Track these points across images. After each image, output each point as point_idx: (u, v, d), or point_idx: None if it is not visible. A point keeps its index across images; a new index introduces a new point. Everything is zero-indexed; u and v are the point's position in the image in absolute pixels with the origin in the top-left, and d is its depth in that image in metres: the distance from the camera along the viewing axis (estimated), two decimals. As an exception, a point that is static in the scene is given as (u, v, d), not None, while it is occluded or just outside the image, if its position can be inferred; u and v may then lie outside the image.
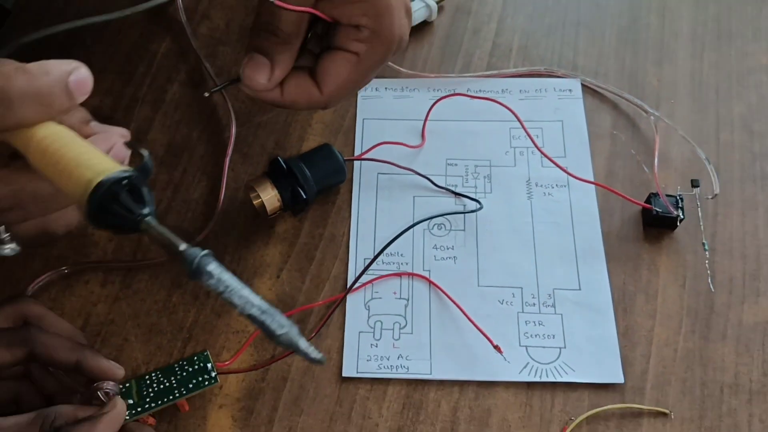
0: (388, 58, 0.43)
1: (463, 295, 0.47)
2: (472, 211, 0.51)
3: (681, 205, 0.49)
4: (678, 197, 0.49)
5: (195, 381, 0.43)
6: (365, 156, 0.53)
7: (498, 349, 0.45)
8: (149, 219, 0.29)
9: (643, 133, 0.54)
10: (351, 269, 0.49)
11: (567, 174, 0.51)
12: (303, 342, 0.28)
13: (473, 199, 0.51)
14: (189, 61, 0.58)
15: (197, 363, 0.44)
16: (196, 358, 0.44)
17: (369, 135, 0.54)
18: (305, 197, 0.48)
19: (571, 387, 0.45)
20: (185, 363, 0.44)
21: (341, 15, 0.41)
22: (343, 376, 0.45)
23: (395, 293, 0.48)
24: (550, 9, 0.61)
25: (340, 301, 0.47)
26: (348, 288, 0.48)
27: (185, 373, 0.43)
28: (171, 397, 0.42)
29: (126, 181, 0.29)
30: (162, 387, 0.43)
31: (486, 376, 0.45)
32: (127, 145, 0.34)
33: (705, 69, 0.58)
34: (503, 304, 0.47)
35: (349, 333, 0.46)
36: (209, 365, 0.44)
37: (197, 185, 0.52)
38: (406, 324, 0.47)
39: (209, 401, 0.44)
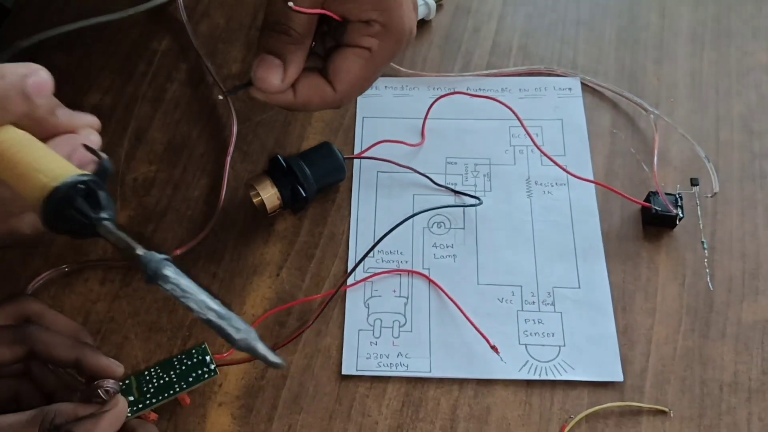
0: (399, 51, 0.43)
1: (463, 294, 0.47)
2: (471, 205, 0.51)
3: (680, 204, 0.49)
4: (677, 196, 0.49)
5: (195, 374, 0.43)
6: (365, 154, 0.53)
7: (495, 350, 0.45)
8: (106, 223, 0.29)
9: (643, 132, 0.54)
10: (351, 267, 0.49)
11: (566, 172, 0.51)
12: (261, 346, 0.28)
13: (473, 197, 0.51)
14: (189, 60, 0.59)
15: (196, 356, 0.44)
16: (194, 351, 0.44)
17: (369, 133, 0.54)
18: (305, 195, 0.48)
19: (571, 385, 0.45)
20: (184, 357, 0.44)
21: (351, 11, 0.41)
22: (343, 374, 0.45)
23: (395, 291, 0.48)
24: (549, 8, 0.61)
25: (333, 295, 0.47)
26: (345, 277, 0.48)
27: (184, 367, 0.43)
28: (171, 392, 0.42)
29: (82, 186, 0.29)
30: (162, 382, 0.43)
31: (485, 374, 0.45)
32: (86, 149, 0.33)
33: (705, 68, 0.58)
34: (503, 302, 0.47)
35: (349, 331, 0.46)
36: (208, 358, 0.44)
37: (197, 183, 0.53)
38: (405, 322, 0.47)
39: (209, 399, 0.44)
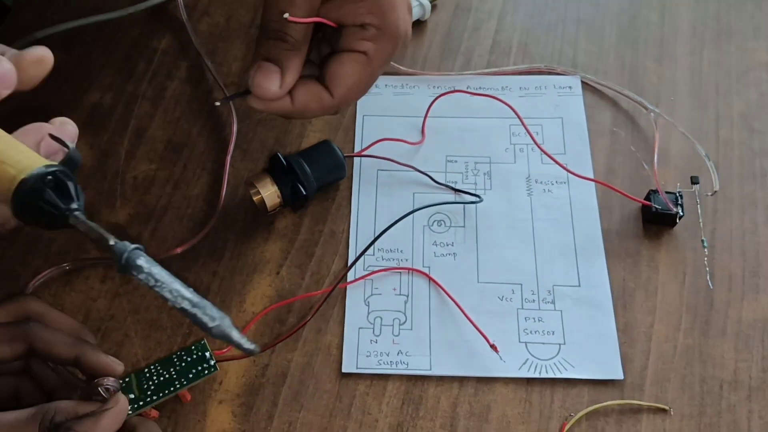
0: (394, 54, 0.43)
1: (463, 292, 0.47)
2: (471, 202, 0.51)
3: (680, 202, 0.49)
4: (677, 194, 0.49)
5: (195, 370, 0.43)
6: (365, 152, 0.53)
7: (494, 348, 0.45)
8: (77, 214, 0.29)
9: (643, 130, 0.54)
10: (351, 264, 0.49)
11: (567, 171, 0.51)
12: (235, 333, 0.29)
13: (473, 195, 0.51)
14: (189, 58, 0.59)
15: (195, 352, 0.44)
16: (194, 347, 0.44)
17: (369, 132, 0.54)
18: (305, 193, 0.48)
19: (571, 383, 0.45)
20: (183, 353, 0.44)
21: (346, 16, 0.41)
22: (343, 372, 0.45)
23: (395, 289, 0.48)
24: (549, 6, 0.61)
25: (332, 290, 0.47)
26: (345, 271, 0.48)
27: (184, 364, 0.43)
28: (172, 389, 0.42)
29: (50, 177, 0.29)
30: (162, 379, 0.43)
31: (485, 372, 0.45)
32: (53, 138, 0.32)
33: (705, 66, 0.58)
34: (503, 300, 0.47)
35: (349, 329, 0.46)
36: (207, 354, 0.44)
37: (197, 181, 0.53)
38: (405, 320, 0.47)
39: (209, 396, 0.44)
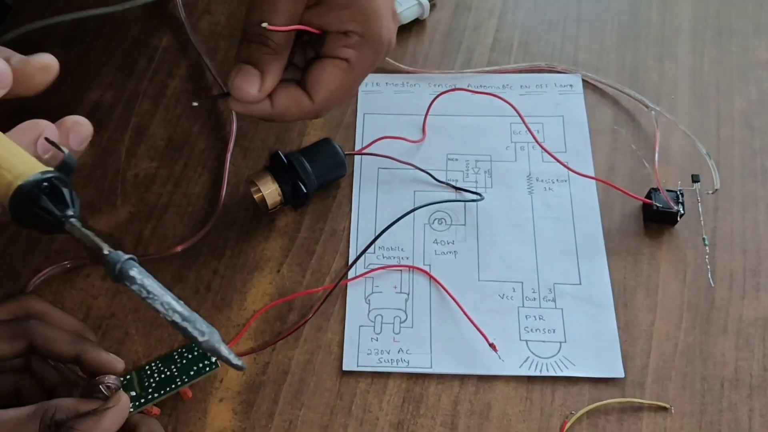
0: (377, 62, 0.43)
1: (464, 290, 0.47)
2: (472, 200, 0.51)
3: (681, 200, 0.49)
4: (678, 192, 0.49)
5: (196, 368, 0.43)
6: (366, 150, 0.53)
7: (493, 347, 0.45)
8: (73, 221, 0.29)
9: (644, 129, 0.54)
10: (351, 263, 0.49)
11: (567, 169, 0.51)
12: (224, 348, 0.29)
13: (474, 193, 0.51)
14: (190, 56, 0.59)
15: (196, 349, 0.44)
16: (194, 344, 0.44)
17: (370, 130, 0.54)
18: (306, 191, 0.48)
19: (572, 381, 0.44)
20: (185, 350, 0.44)
21: (330, 22, 0.41)
22: (344, 369, 0.45)
23: (395, 287, 0.48)
24: (550, 5, 0.61)
25: (334, 288, 0.47)
26: (346, 269, 0.48)
27: (185, 361, 0.43)
28: (173, 386, 0.42)
29: (46, 184, 0.29)
30: (163, 376, 0.43)
31: (486, 370, 0.45)
32: (48, 142, 0.32)
33: (706, 65, 0.58)
34: (504, 298, 0.47)
35: (350, 327, 0.46)
36: None
37: (198, 179, 0.53)
38: (406, 318, 0.47)
39: (209, 394, 0.44)
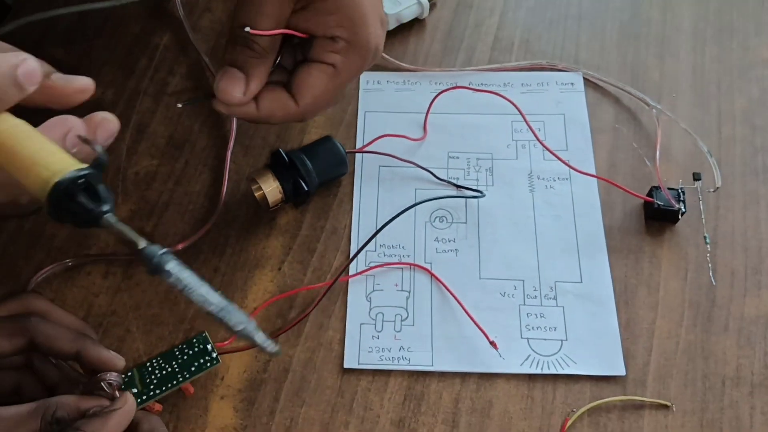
0: (364, 68, 0.43)
1: (465, 288, 0.47)
2: (473, 197, 0.51)
3: (683, 199, 0.49)
4: (680, 190, 0.49)
5: (197, 363, 0.43)
6: (367, 148, 0.53)
7: (494, 345, 0.45)
8: (108, 216, 0.30)
9: (645, 127, 0.54)
10: (352, 264, 0.49)
11: (569, 167, 0.51)
12: (260, 335, 0.31)
13: (475, 190, 0.51)
14: (190, 54, 0.58)
15: (197, 345, 0.44)
16: (195, 340, 0.44)
17: (371, 128, 0.54)
18: (307, 189, 0.48)
19: (573, 379, 0.44)
20: (185, 346, 0.44)
21: (316, 27, 0.41)
22: (345, 367, 0.45)
23: (397, 285, 0.48)
24: (551, 3, 0.61)
25: (334, 282, 0.47)
26: (347, 262, 0.48)
27: (186, 357, 0.43)
28: (175, 382, 0.42)
29: (82, 181, 0.30)
30: (164, 373, 0.43)
31: (487, 368, 0.45)
32: (81, 140, 0.33)
33: (707, 63, 0.58)
34: (505, 296, 0.47)
35: (351, 325, 0.46)
36: (209, 346, 0.44)
37: (199, 177, 0.52)
38: (407, 316, 0.47)
39: (210, 392, 0.44)
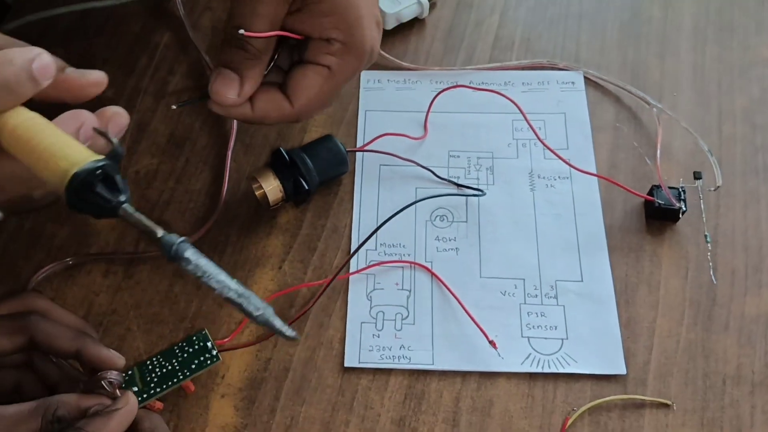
0: (359, 70, 0.43)
1: (465, 287, 0.47)
2: (474, 195, 0.51)
3: (683, 197, 0.49)
4: (680, 189, 0.49)
5: (197, 361, 0.43)
6: (367, 147, 0.53)
7: (493, 345, 0.45)
8: (126, 206, 0.30)
9: (646, 126, 0.54)
10: (353, 260, 0.49)
11: (569, 166, 0.51)
12: (278, 321, 0.31)
13: (476, 189, 0.51)
14: (191, 53, 0.58)
15: (197, 343, 0.44)
16: (195, 338, 0.44)
17: (371, 126, 0.54)
18: (307, 188, 0.48)
19: (574, 378, 0.44)
20: (185, 344, 0.44)
21: (312, 29, 0.41)
22: (345, 366, 0.45)
23: (397, 284, 0.48)
24: (552, 2, 0.61)
25: (333, 278, 0.47)
26: (348, 258, 0.48)
27: (186, 355, 0.43)
28: (175, 380, 0.42)
29: (99, 171, 0.30)
30: (165, 371, 0.43)
31: (488, 366, 0.45)
32: (97, 132, 0.34)
33: (707, 62, 0.58)
34: (505, 295, 0.47)
35: (351, 323, 0.46)
36: (209, 344, 0.44)
37: (199, 176, 0.52)
38: (408, 315, 0.47)
39: (211, 390, 0.44)
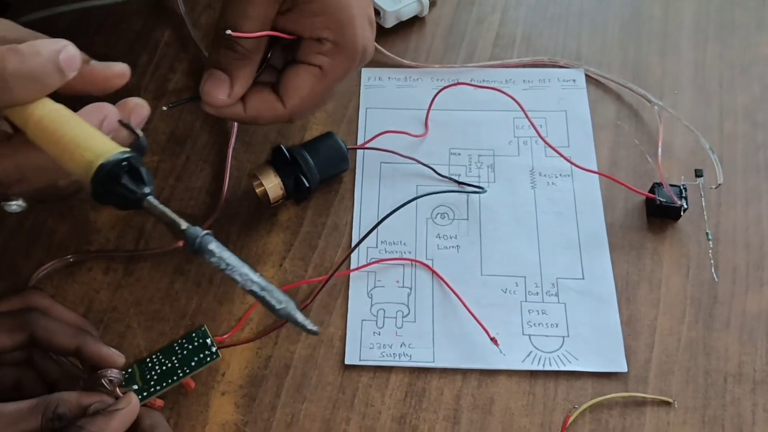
0: (352, 69, 0.43)
1: (466, 284, 0.47)
2: (474, 192, 0.51)
3: (684, 195, 0.49)
4: (681, 187, 0.49)
5: (197, 358, 0.43)
6: (368, 145, 0.53)
7: (495, 342, 0.45)
8: (150, 198, 0.31)
9: (647, 123, 0.54)
10: (353, 258, 0.49)
11: (570, 164, 0.51)
12: (300, 315, 0.31)
13: (477, 186, 0.51)
14: (191, 51, 0.58)
15: (196, 339, 0.44)
16: (194, 334, 0.44)
17: (372, 124, 0.54)
18: (308, 185, 0.48)
19: (575, 375, 0.44)
20: (184, 341, 0.44)
21: (303, 29, 0.41)
22: (346, 363, 0.45)
23: (398, 282, 0.48)
24: (553, 0, 0.61)
25: (333, 273, 0.47)
26: (349, 251, 0.48)
27: (186, 352, 0.43)
28: (175, 378, 0.42)
29: (125, 163, 0.30)
30: (165, 368, 0.42)
31: (489, 364, 0.45)
32: (121, 124, 0.34)
33: (708, 60, 0.57)
34: (506, 293, 0.47)
35: (352, 321, 0.46)
36: (209, 340, 0.44)
37: (200, 173, 0.52)
38: (408, 312, 0.47)
39: (212, 388, 0.44)
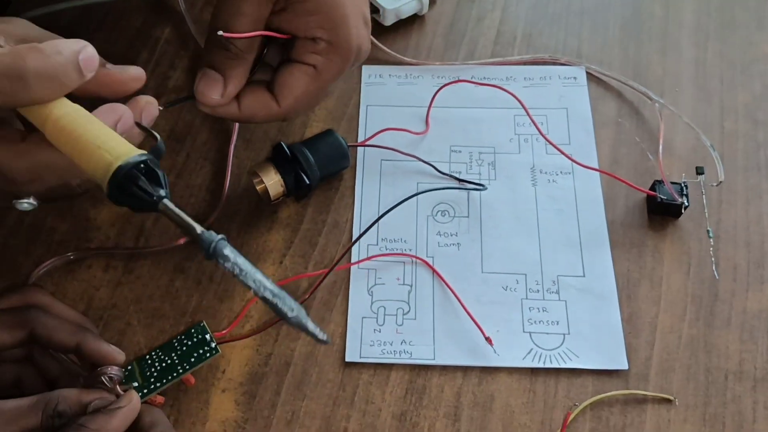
0: (346, 69, 0.43)
1: (467, 282, 0.47)
2: (475, 189, 0.51)
3: (685, 193, 0.49)
4: (682, 185, 0.49)
5: (196, 354, 0.43)
6: (369, 142, 0.53)
7: (489, 341, 0.45)
8: (166, 201, 0.31)
9: (648, 121, 0.54)
10: (354, 255, 0.49)
11: (571, 161, 0.51)
12: (311, 324, 0.31)
13: (477, 184, 0.51)
14: (191, 48, 0.58)
15: (195, 335, 0.44)
16: (193, 330, 0.44)
17: (373, 121, 0.54)
18: (308, 183, 0.48)
19: (575, 373, 0.44)
20: (184, 337, 0.44)
21: (297, 28, 0.41)
22: (346, 361, 0.45)
23: (398, 279, 0.48)
24: (554, -2, 0.61)
25: (333, 267, 0.47)
26: (350, 245, 0.48)
27: (185, 348, 0.43)
28: (175, 374, 0.42)
29: (143, 165, 0.31)
30: (164, 365, 0.42)
31: (489, 361, 0.45)
32: (138, 127, 0.35)
33: (709, 58, 0.57)
34: (507, 290, 0.47)
35: (353, 318, 0.46)
36: (208, 336, 0.43)
37: (200, 171, 0.52)
38: (409, 310, 0.47)
39: (212, 385, 0.44)
